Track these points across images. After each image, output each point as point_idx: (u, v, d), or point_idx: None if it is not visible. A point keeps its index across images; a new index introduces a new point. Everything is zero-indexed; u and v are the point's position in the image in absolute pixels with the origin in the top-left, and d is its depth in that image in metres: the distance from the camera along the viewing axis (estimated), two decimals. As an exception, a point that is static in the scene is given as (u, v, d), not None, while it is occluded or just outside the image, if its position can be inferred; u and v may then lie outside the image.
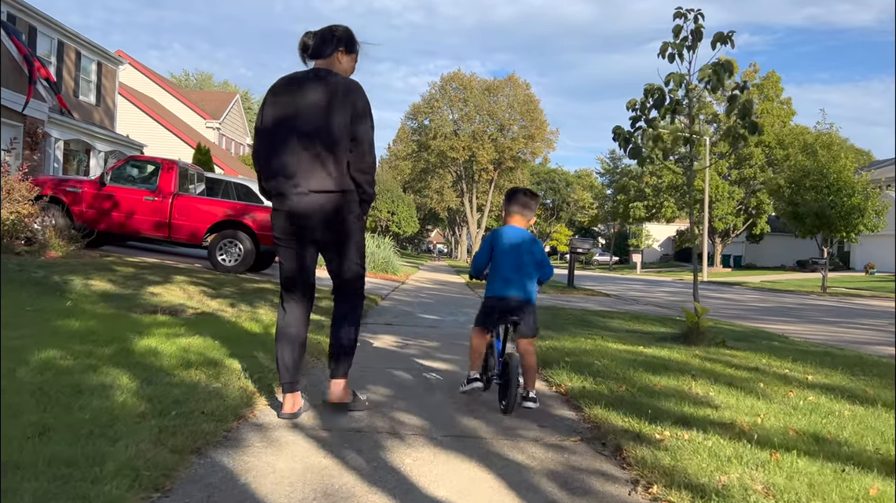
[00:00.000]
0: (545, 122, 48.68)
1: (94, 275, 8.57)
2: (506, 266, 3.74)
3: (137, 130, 29.71)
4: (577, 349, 5.73)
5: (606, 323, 9.02)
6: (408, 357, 5.57)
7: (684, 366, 5.14)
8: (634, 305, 14.12)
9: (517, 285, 3.72)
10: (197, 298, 7.99)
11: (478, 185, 52.86)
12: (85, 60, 23.89)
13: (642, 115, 7.32)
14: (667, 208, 52.57)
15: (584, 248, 18.25)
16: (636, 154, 7.26)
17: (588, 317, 9.71)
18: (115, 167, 12.21)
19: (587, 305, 13.00)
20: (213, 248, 11.77)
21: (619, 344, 6.37)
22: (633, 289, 21.84)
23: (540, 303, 12.62)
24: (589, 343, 6.21)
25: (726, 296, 21.51)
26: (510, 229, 3.84)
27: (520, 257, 3.74)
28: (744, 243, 58.90)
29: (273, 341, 3.60)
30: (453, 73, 49.35)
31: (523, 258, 3.74)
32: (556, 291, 17.15)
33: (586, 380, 4.39)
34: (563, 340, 6.36)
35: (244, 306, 7.71)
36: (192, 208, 11.90)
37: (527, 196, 3.92)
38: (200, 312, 6.91)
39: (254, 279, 10.95)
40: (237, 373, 3.97)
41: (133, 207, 11.78)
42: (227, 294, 8.65)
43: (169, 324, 5.61)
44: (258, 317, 6.77)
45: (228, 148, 42.39)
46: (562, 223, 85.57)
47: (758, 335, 8.54)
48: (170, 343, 4.55)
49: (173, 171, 11.98)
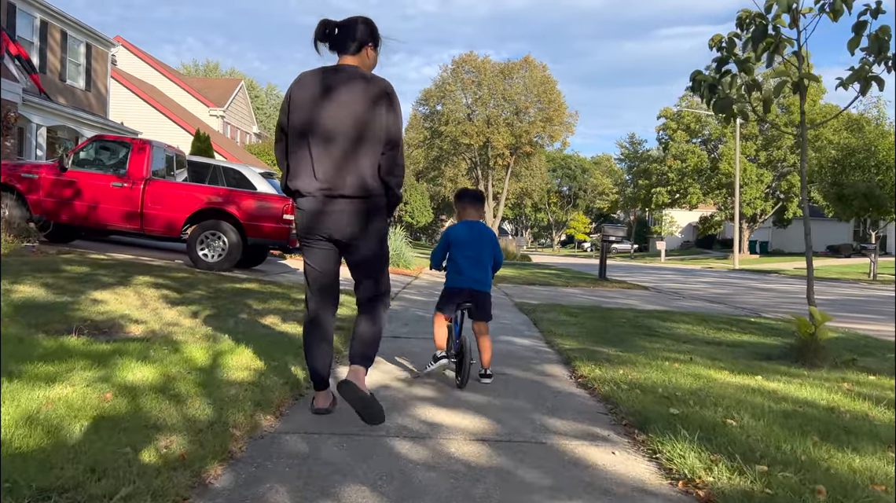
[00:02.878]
0: (563, 104, 46.31)
1: (29, 277, 6.85)
2: (461, 259, 4.07)
3: (134, 118, 28.04)
4: (672, 385, 3.89)
5: (672, 329, 7.17)
6: (428, 432, 3.69)
7: (851, 417, 3.30)
8: (682, 301, 12.24)
9: (472, 276, 4.07)
10: (152, 306, 6.24)
11: (493, 173, 50.79)
12: (72, 41, 22.20)
13: (730, 56, 5.45)
14: (692, 194, 50.22)
15: (617, 235, 16.35)
16: (725, 107, 5.40)
17: (644, 320, 7.86)
18: (78, 149, 10.47)
19: (631, 302, 11.15)
20: (192, 241, 10.02)
21: (720, 370, 4.53)
22: (667, 280, 19.91)
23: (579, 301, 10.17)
24: (682, 371, 4.36)
25: (772, 285, 19.52)
26: (464, 224, 4.18)
27: (475, 250, 4.08)
28: (770, 228, 56.52)
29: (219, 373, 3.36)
30: (466, 55, 47.10)
31: (478, 251, 4.09)
32: (588, 284, 15.30)
33: (737, 472, 2.48)
34: (643, 366, 4.52)
35: (209, 318, 5.95)
36: (168, 195, 10.14)
37: (474, 194, 4.33)
38: (144, 330, 5.15)
39: (237, 278, 9.18)
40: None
41: (98, 195, 10.05)
42: (195, 299, 6.90)
43: (70, 353, 3.84)
44: (218, 336, 5.00)
45: (234, 136, 40.69)
46: (579, 210, 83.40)
47: (877, 345, 6.63)
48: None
49: (145, 152, 10.22)
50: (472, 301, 4.07)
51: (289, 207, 10.06)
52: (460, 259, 4.07)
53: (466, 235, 4.10)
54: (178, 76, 40.69)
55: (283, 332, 5.49)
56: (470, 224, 4.15)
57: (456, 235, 4.12)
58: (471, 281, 4.05)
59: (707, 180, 50.19)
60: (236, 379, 3.65)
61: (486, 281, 4.11)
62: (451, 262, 4.11)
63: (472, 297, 4.07)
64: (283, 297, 7.64)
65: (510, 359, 5.16)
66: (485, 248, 4.10)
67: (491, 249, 4.13)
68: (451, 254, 4.13)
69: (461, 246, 4.07)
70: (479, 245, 4.09)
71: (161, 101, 32.31)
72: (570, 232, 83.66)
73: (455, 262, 4.09)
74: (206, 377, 3.60)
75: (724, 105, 5.38)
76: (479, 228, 4.14)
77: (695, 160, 49.71)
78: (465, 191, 4.36)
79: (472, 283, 4.05)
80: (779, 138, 47.94)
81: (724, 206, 51.48)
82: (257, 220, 10.04)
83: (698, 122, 51.31)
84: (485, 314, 4.14)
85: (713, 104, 5.47)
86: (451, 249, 4.13)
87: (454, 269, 4.09)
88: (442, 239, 4.25)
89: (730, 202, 49.46)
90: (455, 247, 4.09)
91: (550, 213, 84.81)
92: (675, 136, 51.74)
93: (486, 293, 4.12)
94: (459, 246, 4.07)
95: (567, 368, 4.76)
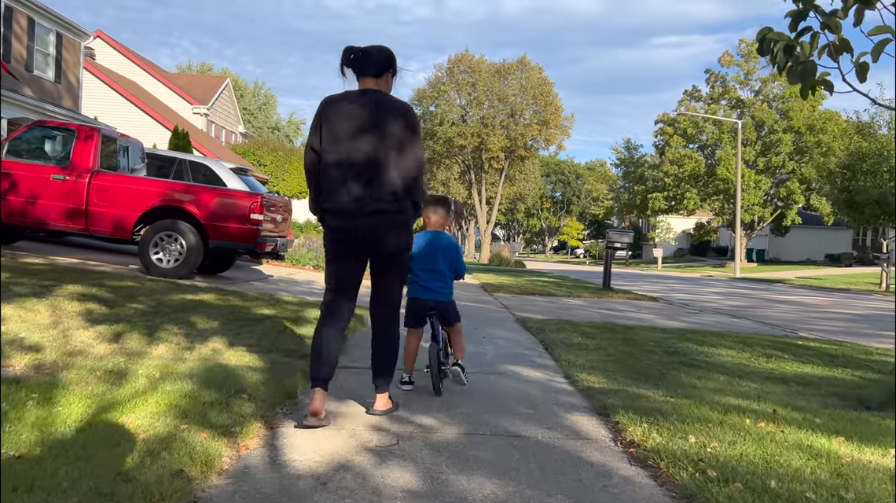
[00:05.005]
0: (560, 106, 44.92)
1: (-82, 286, 5.49)
2: (419, 271, 4.04)
3: (110, 113, 26.59)
4: (786, 472, 2.56)
5: (714, 356, 5.87)
6: None
7: None
8: (700, 315, 10.97)
9: (430, 288, 4.06)
10: (63, 326, 4.89)
11: (487, 177, 49.41)
12: (40, 30, 20.77)
13: (809, 8, 4.17)
14: (689, 199, 48.95)
15: (623, 242, 15.05)
16: (807, 75, 4.11)
17: (675, 343, 6.56)
18: (14, 136, 9.08)
19: (646, 317, 9.87)
20: (145, 243, 8.66)
21: (826, 433, 3.22)
22: (674, 290, 18.65)
23: (588, 315, 8.66)
24: (778, 439, 3.03)
25: (788, 297, 18.30)
26: (422, 236, 4.10)
27: (433, 261, 4.06)
28: (767, 236, 55.43)
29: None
30: (461, 55, 45.44)
31: (437, 261, 4.06)
32: (592, 294, 14.01)
33: None
34: (715, 424, 3.19)
35: (132, 343, 4.61)
36: (118, 191, 8.77)
37: (435, 200, 4.20)
38: (29, 362, 3.81)
39: (193, 287, 7.81)
40: None
41: (37, 189, 8.68)
42: (126, 316, 5.55)
43: None
44: (129, 371, 3.68)
45: (218, 136, 39.23)
46: (572, 216, 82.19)
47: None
48: None
49: (93, 140, 8.86)
50: (435, 310, 4.10)
51: (257, 205, 8.72)
52: (418, 271, 4.04)
53: (422, 247, 4.06)
54: (161, 73, 39.21)
55: (222, 365, 4.17)
56: (427, 234, 4.12)
57: (414, 247, 3.97)
58: (429, 292, 4.05)
59: (704, 186, 49.01)
60: (115, 461, 2.32)
61: (445, 290, 4.10)
62: (412, 274, 4.05)
63: (436, 307, 4.09)
64: (240, 314, 6.30)
65: (522, 404, 3.86)
66: (441, 259, 4.07)
67: (448, 259, 4.10)
68: (412, 266, 4.00)
69: (418, 258, 4.02)
70: (434, 256, 4.06)
71: (141, 97, 30.86)
72: (562, 238, 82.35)
73: (414, 274, 4.05)
74: (53, 464, 2.26)
75: (805, 72, 4.10)
76: (435, 238, 4.10)
77: (692, 165, 48.46)
78: (426, 197, 4.24)
79: (431, 295, 4.05)
80: (777, 144, 46.87)
81: (721, 213, 50.29)
82: (220, 220, 8.69)
83: (695, 127, 50.23)
84: (450, 321, 4.17)
85: (789, 71, 4.19)
86: (412, 261, 3.99)
87: (413, 281, 4.07)
88: None
89: (727, 208, 48.33)
90: (414, 259, 3.98)
91: (543, 219, 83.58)
92: (672, 140, 50.60)
93: (447, 302, 4.12)
94: (417, 258, 4.01)
95: (605, 424, 3.46)
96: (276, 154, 31.60)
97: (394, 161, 3.24)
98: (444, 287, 4.11)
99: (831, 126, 44.97)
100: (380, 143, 3.22)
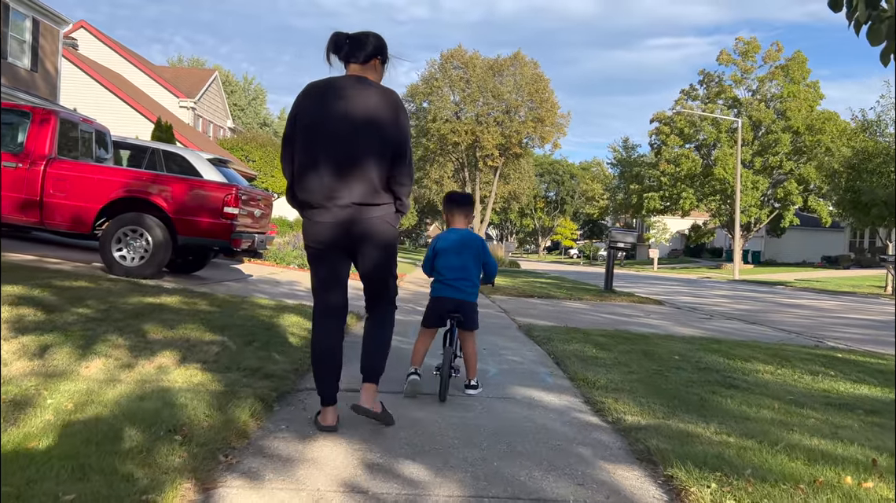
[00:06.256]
0: (556, 103, 44.01)
1: None
2: (445, 269, 3.94)
3: (92, 105, 25.60)
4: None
5: (752, 374, 5.06)
6: None
7: None
8: (712, 321, 10.19)
9: (455, 287, 3.92)
10: (-21, 337, 4.03)
11: (481, 175, 48.51)
12: (16, 15, 19.81)
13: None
14: (685, 199, 48.21)
15: (627, 242, 14.26)
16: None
17: (703, 356, 5.74)
18: (-38, 118, 8.18)
19: (656, 322, 9.09)
20: (106, 239, 7.78)
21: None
22: (677, 293, 17.89)
23: (594, 321, 8.18)
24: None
25: (798, 300, 17.57)
26: (450, 233, 4.03)
27: (460, 259, 3.94)
28: (763, 238, 54.83)
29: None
30: (453, 50, 44.57)
31: (464, 259, 3.95)
32: (594, 297, 13.24)
33: None
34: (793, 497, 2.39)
35: (60, 359, 3.77)
36: (76, 180, 7.90)
37: (463, 199, 4.15)
38: None
39: (157, 288, 6.93)
40: None
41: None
42: (66, 323, 4.70)
43: None
44: (36, 401, 2.84)
45: (206, 130, 38.21)
46: (566, 216, 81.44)
47: None
48: None
49: (49, 124, 7.98)
50: (459, 311, 3.93)
51: (231, 198, 7.87)
52: (445, 269, 3.95)
53: (450, 244, 3.98)
54: (147, 65, 38.20)
55: (164, 390, 3.33)
56: (455, 232, 4.03)
57: (441, 244, 4.01)
58: (456, 291, 3.93)
59: (701, 186, 48.32)
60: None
61: (471, 290, 3.99)
62: (436, 273, 3.99)
63: (460, 307, 3.94)
64: (203, 320, 5.43)
65: (540, 444, 3.04)
66: (471, 257, 3.98)
67: (478, 257, 4.01)
68: (436, 265, 4.00)
69: (445, 255, 3.95)
70: (463, 254, 3.97)
71: (125, 89, 29.86)
72: (556, 238, 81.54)
73: (439, 272, 3.97)
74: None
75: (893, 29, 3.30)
76: (465, 236, 4.02)
77: (688, 165, 47.73)
78: (450, 195, 4.23)
79: (457, 293, 3.93)
80: (775, 144, 46.25)
81: (717, 213, 49.62)
82: (190, 214, 7.82)
83: (693, 126, 49.58)
84: (470, 324, 3.99)
85: (870, 29, 3.39)
86: (437, 259, 3.99)
87: (439, 280, 3.98)
88: (430, 247, 4.14)
89: (724, 209, 47.71)
90: (439, 256, 3.96)
91: (537, 219, 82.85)
92: (668, 140, 49.92)
93: (471, 303, 3.99)
94: (443, 255, 3.95)
95: (654, 478, 2.64)
96: (265, 149, 30.69)
97: (375, 149, 3.05)
98: (471, 286, 3.98)
99: (830, 126, 44.42)
100: (358, 130, 3.04)
